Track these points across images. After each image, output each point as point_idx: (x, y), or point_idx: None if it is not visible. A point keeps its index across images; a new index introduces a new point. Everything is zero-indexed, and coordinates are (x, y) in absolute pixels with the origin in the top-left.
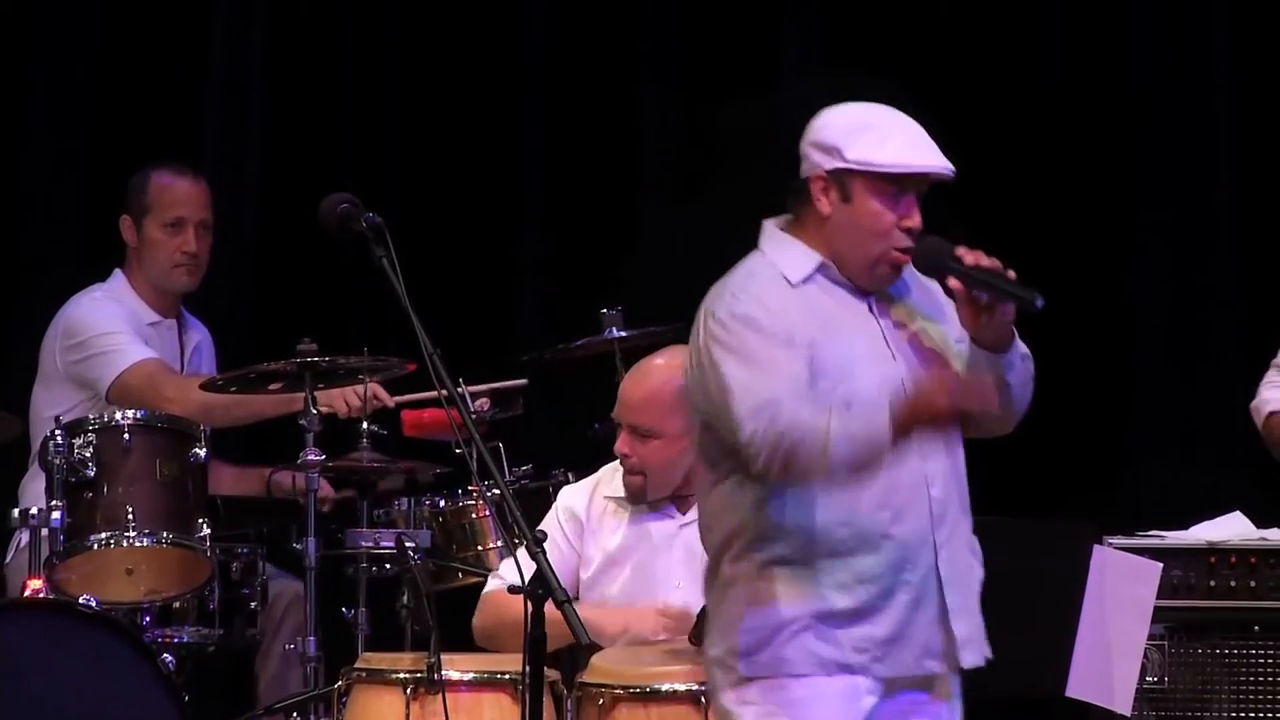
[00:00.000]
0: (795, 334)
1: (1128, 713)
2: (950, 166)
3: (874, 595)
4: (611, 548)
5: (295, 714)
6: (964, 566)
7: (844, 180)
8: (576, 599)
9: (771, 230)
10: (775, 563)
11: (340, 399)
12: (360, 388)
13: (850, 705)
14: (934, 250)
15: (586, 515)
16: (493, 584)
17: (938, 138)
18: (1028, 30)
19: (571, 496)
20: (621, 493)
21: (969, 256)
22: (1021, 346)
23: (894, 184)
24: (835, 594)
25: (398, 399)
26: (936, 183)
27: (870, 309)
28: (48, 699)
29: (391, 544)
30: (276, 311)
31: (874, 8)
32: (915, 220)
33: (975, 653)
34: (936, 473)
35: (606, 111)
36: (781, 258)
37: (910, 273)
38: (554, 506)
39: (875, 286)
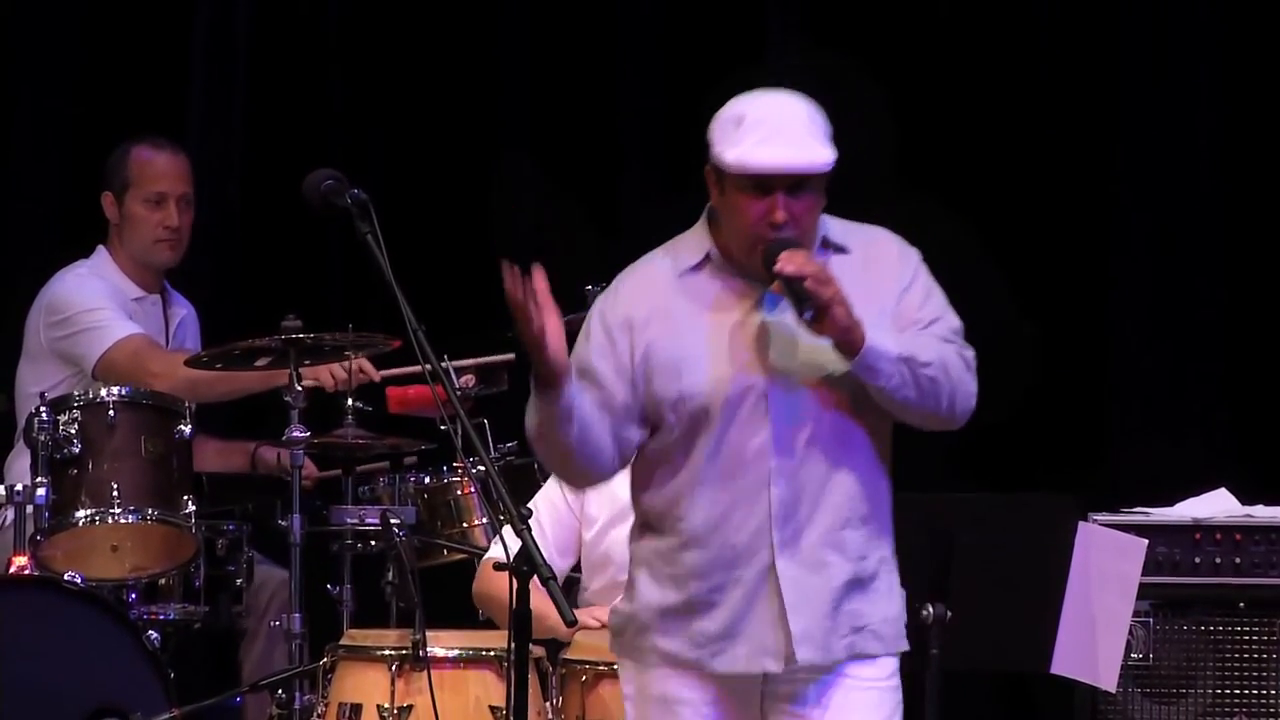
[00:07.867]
0: (634, 322)
1: (1112, 689)
2: (803, 162)
3: (704, 591)
4: (615, 508)
5: (280, 691)
6: (813, 564)
7: (719, 173)
8: (578, 562)
9: (704, 216)
10: (642, 554)
11: (325, 372)
12: (346, 362)
13: (691, 701)
14: (773, 253)
15: None
16: (494, 551)
17: (924, 129)
18: (1016, 29)
19: None
20: None
21: (787, 264)
22: (890, 350)
23: (751, 180)
24: (669, 588)
25: (383, 373)
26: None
27: (765, 298)
28: (32, 675)
29: (376, 521)
30: (262, 287)
31: (858, 3)
32: (778, 216)
33: (813, 650)
34: (784, 470)
35: (590, 87)
36: (680, 245)
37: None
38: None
39: (767, 278)
